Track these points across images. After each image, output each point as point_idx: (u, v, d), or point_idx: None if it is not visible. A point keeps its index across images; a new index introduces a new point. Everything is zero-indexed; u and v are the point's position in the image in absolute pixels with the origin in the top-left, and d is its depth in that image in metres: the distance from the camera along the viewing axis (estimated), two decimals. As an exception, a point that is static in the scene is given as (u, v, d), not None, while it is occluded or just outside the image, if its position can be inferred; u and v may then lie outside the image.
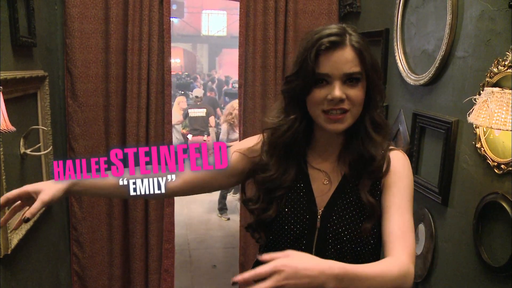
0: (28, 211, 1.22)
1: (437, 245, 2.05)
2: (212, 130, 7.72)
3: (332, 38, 1.17)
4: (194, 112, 7.61)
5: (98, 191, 1.38)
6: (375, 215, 1.22)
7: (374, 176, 1.25)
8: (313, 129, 1.30)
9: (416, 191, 2.18)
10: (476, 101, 1.58)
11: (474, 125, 1.72)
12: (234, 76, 16.25)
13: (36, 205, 1.23)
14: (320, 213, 1.26)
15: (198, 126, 7.56)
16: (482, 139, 1.69)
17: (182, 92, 12.50)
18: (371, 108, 1.24)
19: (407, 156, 1.32)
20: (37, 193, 1.26)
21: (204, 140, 7.47)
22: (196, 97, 8.07)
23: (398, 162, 1.26)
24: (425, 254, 2.12)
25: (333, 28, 1.21)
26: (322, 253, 1.22)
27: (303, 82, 1.21)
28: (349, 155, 1.27)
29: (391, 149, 1.29)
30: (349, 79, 1.18)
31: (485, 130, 1.66)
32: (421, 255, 2.14)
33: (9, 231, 1.91)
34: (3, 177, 1.84)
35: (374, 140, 1.24)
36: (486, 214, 1.68)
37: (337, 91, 1.17)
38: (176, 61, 15.80)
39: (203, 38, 21.06)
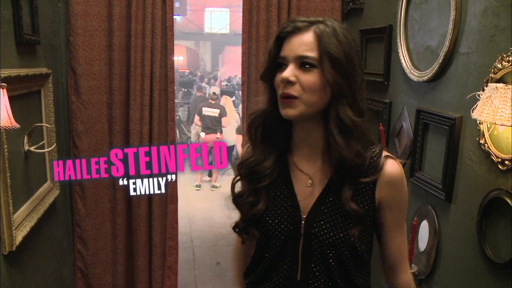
0: None
1: (441, 241, 2.05)
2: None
3: (297, 24, 1.17)
4: (208, 111, 7.65)
5: None
6: (361, 222, 1.19)
7: (358, 181, 1.19)
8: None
9: (420, 187, 2.19)
10: (480, 97, 1.58)
11: (477, 121, 1.71)
12: (233, 74, 16.29)
13: None
14: (304, 218, 1.21)
15: (211, 124, 7.60)
16: (486, 135, 1.69)
17: (185, 90, 12.54)
18: (337, 103, 1.16)
19: (401, 167, 1.26)
20: None
21: (217, 138, 7.47)
22: (214, 93, 8.08)
23: (398, 175, 1.23)
24: (428, 251, 2.12)
25: (307, 17, 1.19)
26: (308, 259, 1.22)
27: (268, 66, 1.22)
28: (332, 158, 1.19)
29: (387, 156, 1.23)
30: (304, 64, 1.14)
31: (489, 126, 1.66)
32: (425, 252, 2.14)
33: (13, 228, 1.92)
34: (8, 174, 1.85)
35: (341, 140, 1.16)
36: (490, 210, 1.68)
37: (286, 72, 1.15)
38: (179, 59, 15.79)
39: (206, 35, 21.07)
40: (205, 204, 6.57)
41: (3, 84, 1.43)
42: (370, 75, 2.76)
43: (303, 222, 1.21)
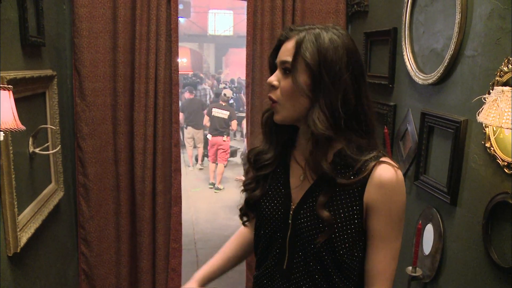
0: None
1: (446, 245, 2.04)
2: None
3: (287, 32, 1.24)
4: (218, 112, 7.79)
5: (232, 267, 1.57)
6: (331, 230, 1.18)
7: (343, 183, 1.19)
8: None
9: (425, 190, 2.18)
10: (485, 100, 1.57)
11: (483, 125, 1.71)
12: (236, 76, 16.30)
13: None
14: (293, 209, 1.26)
15: (219, 126, 7.71)
16: (492, 138, 1.68)
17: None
18: (314, 108, 1.17)
19: (400, 173, 1.20)
20: None
21: (224, 141, 7.59)
22: (224, 95, 8.26)
23: (389, 179, 1.17)
24: (433, 254, 2.11)
25: (304, 25, 1.24)
26: (293, 249, 1.25)
27: (270, 71, 1.31)
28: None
29: (382, 162, 1.19)
30: (284, 69, 1.21)
31: (495, 129, 1.65)
32: (430, 255, 2.14)
33: (18, 229, 1.92)
34: (13, 176, 1.85)
35: (310, 146, 1.19)
36: (496, 214, 1.67)
37: (271, 77, 1.24)
38: (183, 61, 15.82)
39: (209, 37, 21.12)
40: (208, 206, 6.57)
41: (9, 86, 1.43)
42: (374, 77, 2.76)
43: (291, 212, 1.26)
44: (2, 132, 1.45)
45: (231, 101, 11.55)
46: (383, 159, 1.20)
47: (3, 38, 1.88)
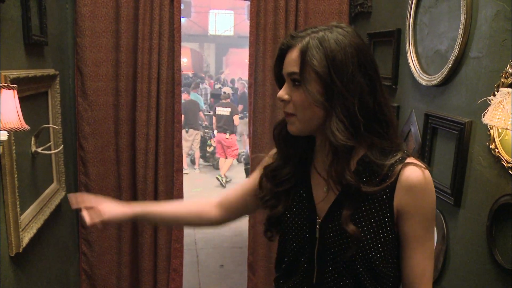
0: (90, 223, 1.44)
1: (449, 246, 2.04)
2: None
3: (289, 40, 1.18)
4: (220, 110, 8.23)
5: (165, 223, 1.50)
6: (358, 244, 1.14)
7: (370, 191, 1.15)
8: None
9: (428, 192, 2.17)
10: (491, 102, 1.57)
11: (488, 126, 1.70)
12: (237, 76, 16.28)
13: (100, 223, 1.44)
14: (319, 223, 1.21)
15: (223, 123, 8.14)
16: (497, 140, 1.68)
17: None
18: (332, 117, 1.12)
19: (428, 172, 1.16)
20: (105, 213, 1.43)
21: (227, 138, 7.88)
22: (224, 92, 8.78)
23: (418, 181, 1.13)
24: (436, 256, 2.10)
25: (299, 31, 1.19)
26: (322, 263, 1.21)
27: (277, 84, 1.27)
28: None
29: (409, 163, 1.15)
30: (293, 80, 1.15)
31: (500, 131, 1.64)
32: (433, 257, 2.13)
33: (20, 229, 1.92)
34: (16, 176, 1.85)
35: (329, 160, 1.16)
36: (500, 215, 1.67)
37: (280, 91, 1.19)
38: (184, 61, 15.82)
39: (210, 37, 21.13)
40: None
41: (13, 85, 1.43)
42: (377, 78, 2.76)
43: (317, 226, 1.21)
44: (6, 132, 1.45)
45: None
46: (408, 160, 1.16)
47: (7, 37, 1.87)
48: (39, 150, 2.21)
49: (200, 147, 9.10)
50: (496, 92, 1.62)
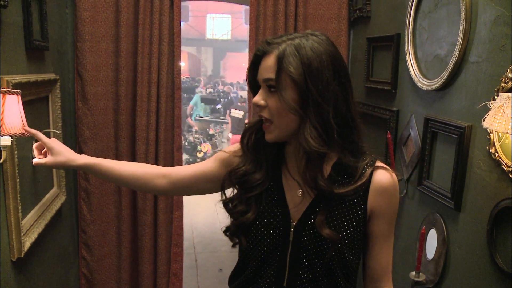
0: (36, 162, 1.39)
1: (449, 250, 2.04)
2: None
3: (265, 46, 1.18)
4: (234, 113, 8.68)
5: (110, 178, 1.47)
6: (334, 247, 1.19)
7: (345, 193, 1.20)
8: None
9: (428, 196, 2.19)
10: (491, 106, 1.58)
11: (488, 130, 1.71)
12: (235, 79, 16.29)
13: (48, 162, 1.39)
14: (294, 225, 1.23)
15: (236, 125, 8.53)
16: (497, 144, 1.69)
17: (186, 96, 12.56)
18: (305, 124, 1.14)
19: (394, 175, 1.25)
20: (55, 153, 1.39)
21: None
22: (241, 96, 9.34)
23: (389, 183, 1.23)
24: (437, 259, 2.11)
25: (280, 36, 1.19)
26: (295, 266, 1.23)
27: (249, 88, 1.26)
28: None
29: (378, 167, 1.23)
30: (268, 86, 1.16)
31: (500, 135, 1.65)
32: (433, 260, 2.14)
33: (22, 234, 1.92)
34: (17, 180, 1.85)
35: (302, 165, 1.19)
36: (501, 219, 1.68)
37: (256, 97, 1.18)
38: (181, 65, 15.83)
39: (207, 41, 21.14)
40: (207, 210, 6.55)
41: (17, 91, 1.43)
42: (377, 83, 2.77)
43: (292, 229, 1.23)
44: (10, 137, 1.45)
45: (218, 106, 11.66)
46: (378, 163, 1.24)
47: (8, 42, 1.88)
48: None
49: (190, 153, 9.16)
50: (496, 97, 1.63)
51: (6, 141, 1.47)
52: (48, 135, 2.41)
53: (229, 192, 1.37)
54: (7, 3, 1.76)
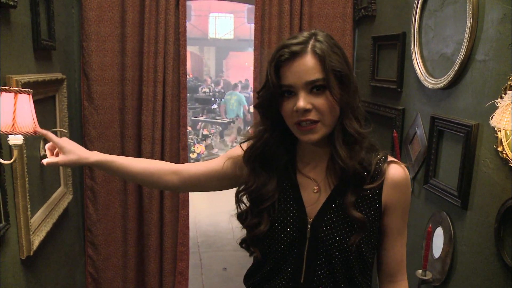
0: (48, 161, 1.41)
1: (456, 248, 2.05)
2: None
3: (292, 48, 1.15)
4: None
5: (122, 175, 1.48)
6: (364, 229, 1.22)
7: (362, 188, 1.23)
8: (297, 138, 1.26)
9: (434, 194, 2.19)
10: (498, 104, 1.58)
11: (495, 129, 1.72)
12: (237, 79, 16.28)
13: (60, 161, 1.41)
14: (310, 222, 1.25)
15: None
16: (504, 142, 1.69)
17: (189, 95, 12.55)
18: (344, 117, 1.19)
19: (406, 169, 1.28)
20: (66, 152, 1.40)
21: None
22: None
23: (402, 178, 1.26)
24: (443, 258, 2.11)
25: (296, 37, 1.19)
26: (313, 262, 1.25)
27: (270, 96, 1.20)
28: (336, 166, 1.23)
29: (391, 162, 1.27)
30: (313, 88, 1.15)
31: (508, 133, 1.66)
32: (439, 259, 2.14)
33: (31, 233, 1.93)
34: (26, 179, 1.86)
35: (344, 152, 1.20)
36: (508, 218, 1.68)
37: (301, 102, 1.14)
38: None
39: (210, 41, 21.12)
40: (211, 209, 6.56)
41: (29, 90, 1.44)
42: (383, 82, 2.77)
43: (309, 226, 1.24)
44: (21, 136, 1.46)
45: (214, 106, 11.66)
46: (390, 159, 1.28)
47: (17, 42, 1.89)
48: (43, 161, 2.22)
49: None
50: (503, 95, 1.64)
51: (18, 140, 1.48)
52: (55, 134, 2.42)
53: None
54: (17, 3, 1.77)
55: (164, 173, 1.45)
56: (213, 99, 12.38)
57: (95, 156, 1.43)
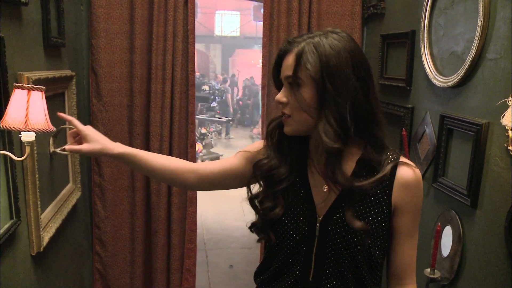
0: (70, 147, 1.42)
1: (465, 247, 2.04)
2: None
3: (286, 45, 1.22)
4: None
5: (143, 169, 1.48)
6: (367, 238, 1.22)
7: (370, 188, 1.22)
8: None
9: (443, 193, 2.18)
10: (509, 103, 1.58)
11: (506, 127, 1.71)
12: (243, 76, 16.27)
13: (83, 149, 1.42)
14: (320, 221, 1.25)
15: None
16: (515, 141, 1.68)
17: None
18: (321, 121, 1.16)
19: (418, 171, 1.28)
20: (91, 140, 1.41)
21: None
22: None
23: (413, 179, 1.25)
24: (452, 257, 2.11)
25: (296, 36, 1.24)
26: (321, 260, 1.25)
27: (275, 85, 1.31)
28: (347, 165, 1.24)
29: (403, 163, 1.25)
30: (290, 83, 1.19)
31: (519, 132, 1.65)
32: (448, 257, 2.14)
33: (41, 229, 1.94)
34: (37, 176, 1.87)
35: (327, 158, 1.19)
36: (519, 217, 1.67)
37: (278, 94, 1.23)
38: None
39: (216, 38, 21.16)
40: (217, 207, 6.57)
41: (41, 87, 1.45)
42: (391, 80, 2.77)
43: (318, 224, 1.25)
44: (34, 133, 1.47)
45: (213, 104, 11.55)
46: (401, 159, 1.26)
47: (28, 39, 1.90)
48: (58, 150, 2.23)
49: None
50: (515, 94, 1.63)
51: (30, 136, 1.49)
52: (65, 130, 2.43)
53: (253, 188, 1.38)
54: (28, 0, 1.78)
55: (182, 171, 1.46)
56: (212, 97, 12.35)
57: (118, 148, 1.44)
